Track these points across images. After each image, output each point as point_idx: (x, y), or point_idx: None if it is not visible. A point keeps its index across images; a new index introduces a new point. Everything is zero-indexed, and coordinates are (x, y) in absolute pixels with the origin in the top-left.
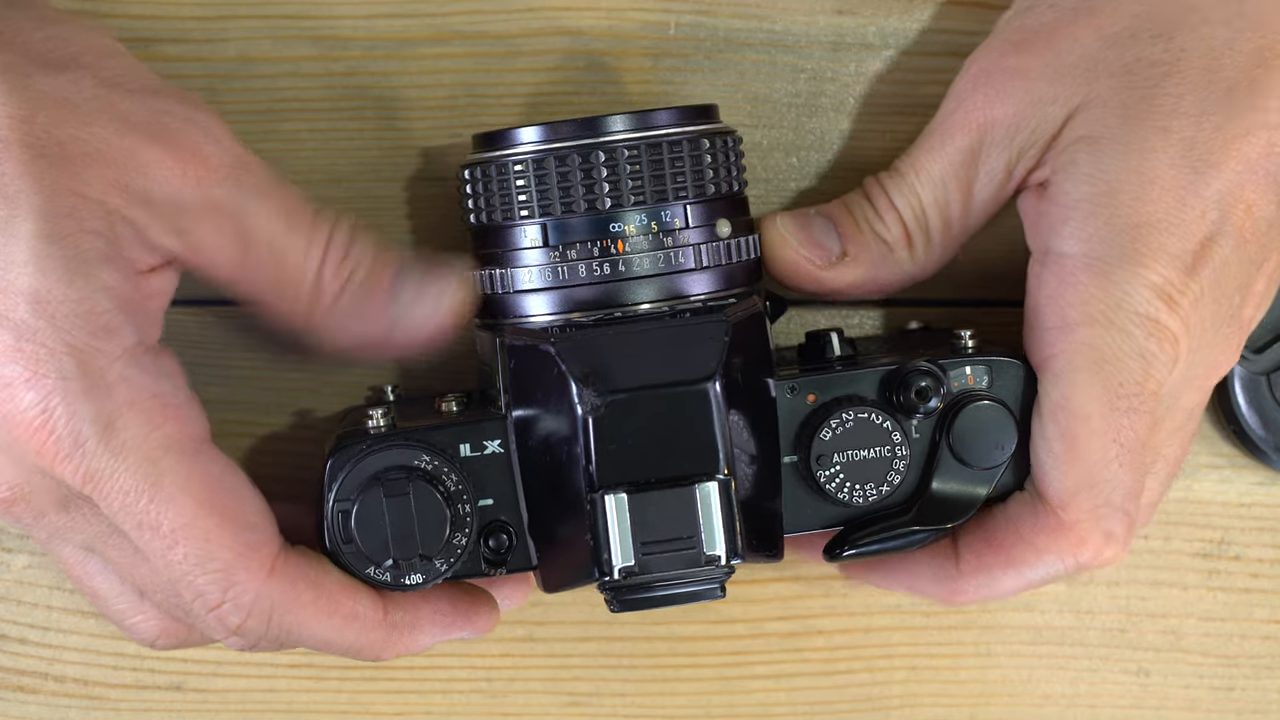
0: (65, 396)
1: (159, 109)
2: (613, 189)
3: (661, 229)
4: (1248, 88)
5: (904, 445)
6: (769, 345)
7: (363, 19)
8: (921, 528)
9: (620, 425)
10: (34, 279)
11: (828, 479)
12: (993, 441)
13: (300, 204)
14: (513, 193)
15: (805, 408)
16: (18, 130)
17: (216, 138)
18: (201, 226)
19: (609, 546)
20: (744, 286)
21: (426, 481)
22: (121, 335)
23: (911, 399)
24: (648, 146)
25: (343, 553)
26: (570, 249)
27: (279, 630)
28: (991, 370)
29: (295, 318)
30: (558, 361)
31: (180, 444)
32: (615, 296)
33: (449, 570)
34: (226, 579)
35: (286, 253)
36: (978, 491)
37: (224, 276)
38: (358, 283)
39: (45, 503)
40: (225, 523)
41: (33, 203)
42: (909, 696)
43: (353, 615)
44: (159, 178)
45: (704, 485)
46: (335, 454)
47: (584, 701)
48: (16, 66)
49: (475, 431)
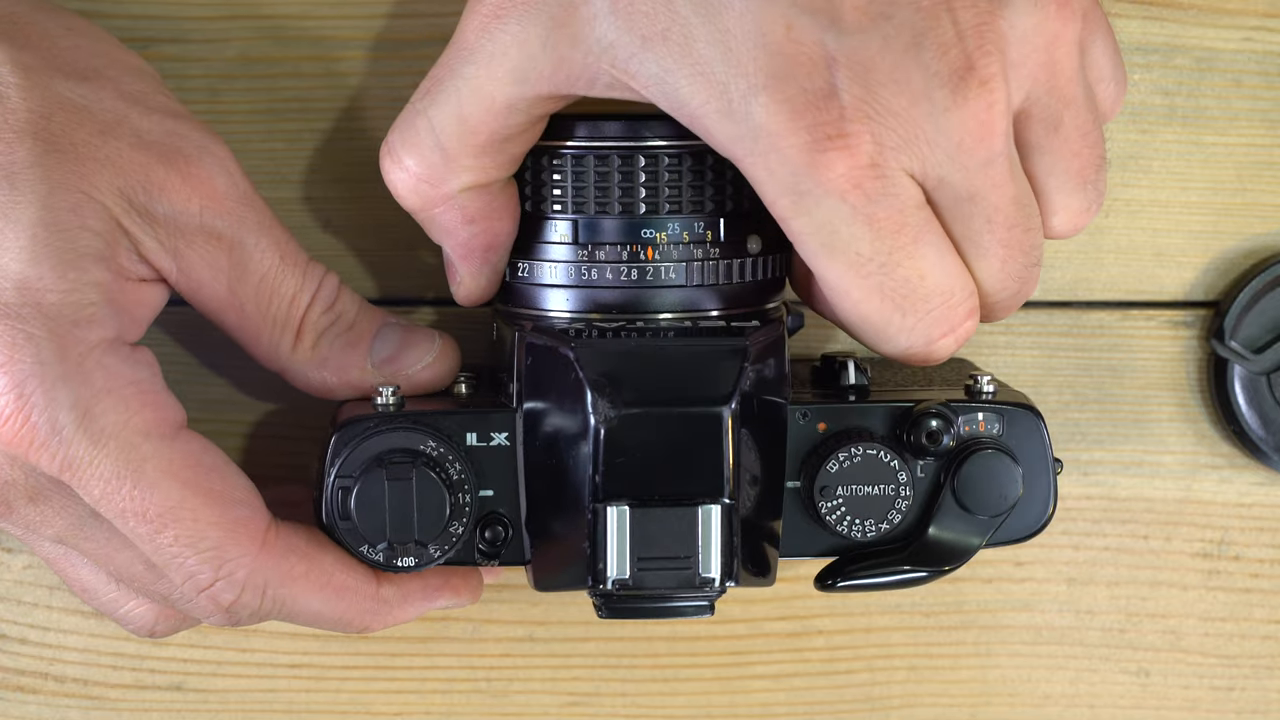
0: (43, 382)
1: (175, 132)
2: (649, 195)
3: (693, 240)
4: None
5: (908, 485)
6: (787, 370)
7: (363, 19)
8: (915, 568)
9: (631, 439)
10: (26, 265)
11: (829, 510)
12: (997, 491)
13: (296, 249)
14: (548, 185)
15: (815, 435)
16: (34, 124)
17: (228, 171)
18: (196, 251)
19: (605, 557)
20: (768, 304)
21: (430, 468)
22: (103, 327)
23: (921, 441)
24: (690, 156)
25: (338, 528)
26: (599, 250)
27: (272, 604)
28: (1004, 419)
29: (274, 356)
30: (576, 367)
31: (160, 429)
32: (638, 303)
33: (442, 557)
34: (218, 557)
35: (275, 291)
36: (974, 540)
37: (211, 304)
38: (339, 333)
39: (14, 495)
40: (212, 501)
41: (38, 191)
42: (909, 696)
43: (345, 587)
44: (164, 197)
45: (707, 507)
46: (340, 429)
47: (584, 701)
48: (40, 69)
49: (484, 422)
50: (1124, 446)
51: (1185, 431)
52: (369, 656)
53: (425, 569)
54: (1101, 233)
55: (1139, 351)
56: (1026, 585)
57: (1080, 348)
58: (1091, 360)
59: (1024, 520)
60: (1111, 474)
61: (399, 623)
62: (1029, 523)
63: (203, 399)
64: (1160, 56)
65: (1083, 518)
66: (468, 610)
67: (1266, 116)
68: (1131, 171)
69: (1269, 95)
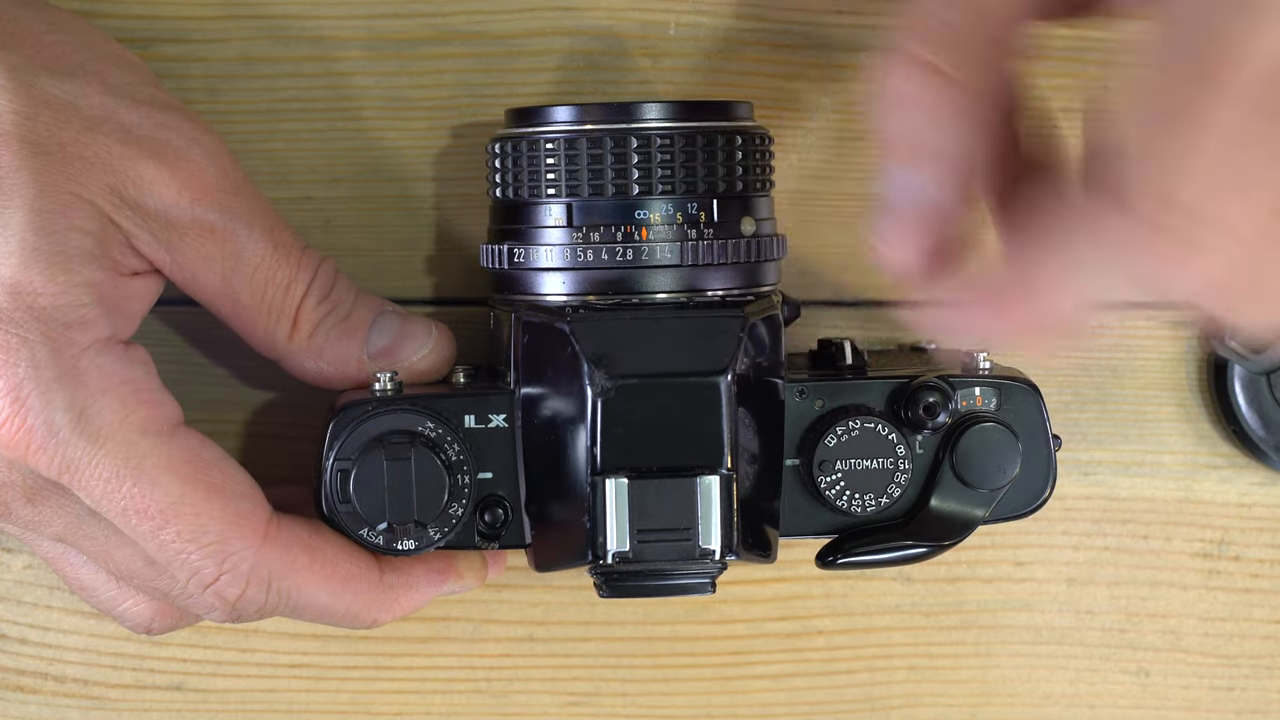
0: (38, 385)
1: (164, 124)
2: (642, 176)
3: (686, 220)
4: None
5: (907, 459)
6: (782, 346)
7: (362, 19)
8: (916, 543)
9: (629, 410)
10: (17, 270)
11: (828, 485)
12: (995, 464)
13: (291, 238)
14: (541, 170)
15: (812, 413)
16: (20, 126)
17: (218, 161)
18: (189, 243)
19: (605, 530)
20: (762, 286)
21: (429, 448)
22: (96, 328)
23: (918, 414)
24: (681, 137)
25: (338, 512)
26: (594, 231)
27: (277, 597)
28: (1001, 393)
29: (270, 345)
30: (572, 340)
31: (157, 426)
32: (633, 283)
33: (442, 539)
34: (222, 550)
35: (270, 280)
36: (976, 512)
37: (207, 294)
38: (335, 322)
39: (11, 497)
40: (213, 495)
41: (26, 195)
42: (909, 696)
43: (349, 577)
44: (154, 191)
45: (706, 478)
46: (339, 413)
47: (584, 701)
48: (24, 68)
49: (482, 404)
50: (1124, 446)
51: (1185, 431)
52: (369, 656)
53: (426, 552)
54: None
55: (1139, 351)
56: (1026, 585)
57: (1080, 348)
58: (1091, 360)
59: (1024, 495)
60: (1111, 474)
61: (406, 612)
62: (1029, 498)
63: (201, 399)
64: None
65: (1083, 518)
66: (468, 610)
67: None
68: None
69: None
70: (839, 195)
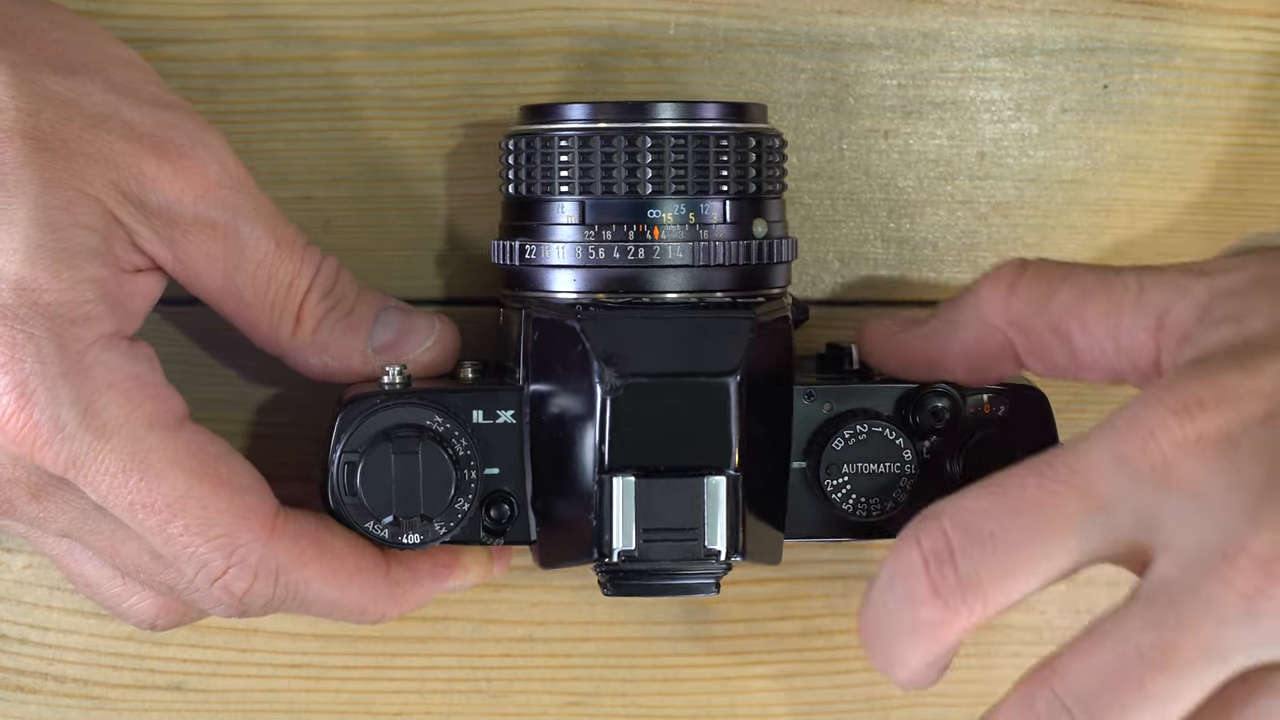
0: (44, 380)
1: (166, 122)
2: (655, 175)
3: (699, 221)
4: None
5: (914, 464)
6: (791, 349)
7: (362, 19)
8: None
9: (637, 409)
10: (22, 266)
11: (835, 488)
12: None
13: (293, 235)
14: (555, 167)
15: (820, 416)
16: (23, 123)
17: (220, 159)
18: (191, 241)
19: (611, 528)
20: (773, 288)
21: (436, 442)
22: (100, 323)
23: (926, 419)
24: (695, 137)
25: (344, 505)
26: (605, 229)
27: (285, 591)
28: (1010, 400)
29: (274, 341)
30: (583, 338)
31: (163, 420)
32: (644, 282)
33: (447, 534)
34: (230, 543)
35: (272, 277)
36: None
37: (210, 291)
38: (339, 317)
39: (16, 493)
40: (220, 488)
41: (30, 192)
42: (909, 696)
43: (357, 570)
44: (157, 188)
45: (713, 479)
46: (347, 406)
47: (584, 701)
48: (27, 66)
49: (490, 400)
50: None
51: None
52: (369, 656)
53: (431, 546)
54: (1101, 233)
55: None
56: None
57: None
58: None
59: None
60: None
61: (413, 607)
62: None
63: (204, 399)
64: (1160, 56)
65: None
66: (468, 610)
67: (1266, 116)
68: (1131, 171)
69: (1269, 95)
70: (839, 195)
